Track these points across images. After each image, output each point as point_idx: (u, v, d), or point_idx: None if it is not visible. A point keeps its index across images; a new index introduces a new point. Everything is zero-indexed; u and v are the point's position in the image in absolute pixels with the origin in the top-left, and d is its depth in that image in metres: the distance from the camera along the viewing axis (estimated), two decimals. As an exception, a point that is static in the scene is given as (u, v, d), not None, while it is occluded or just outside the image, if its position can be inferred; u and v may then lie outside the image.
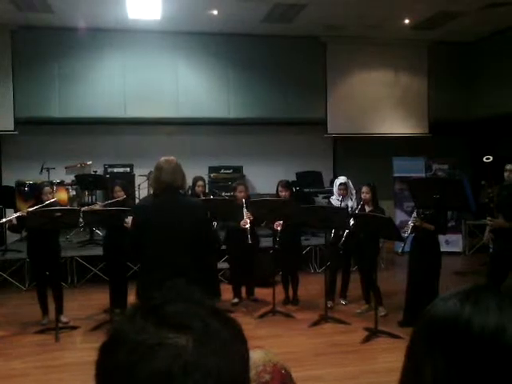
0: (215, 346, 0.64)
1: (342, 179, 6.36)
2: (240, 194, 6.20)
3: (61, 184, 8.36)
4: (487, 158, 5.27)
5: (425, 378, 0.68)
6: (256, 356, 0.68)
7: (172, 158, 3.78)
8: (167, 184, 3.64)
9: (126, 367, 0.62)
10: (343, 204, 6.12)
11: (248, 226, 5.82)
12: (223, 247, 6.52)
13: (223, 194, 8.77)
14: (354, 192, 6.38)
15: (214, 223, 6.16)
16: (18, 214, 5.54)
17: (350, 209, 6.06)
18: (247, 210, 5.94)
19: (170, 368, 0.61)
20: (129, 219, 4.19)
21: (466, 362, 0.65)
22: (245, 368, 0.69)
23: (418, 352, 0.71)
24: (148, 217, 3.65)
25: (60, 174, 8.65)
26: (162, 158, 3.76)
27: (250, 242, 5.76)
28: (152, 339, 0.63)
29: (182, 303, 0.67)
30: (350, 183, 6.39)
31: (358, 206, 6.12)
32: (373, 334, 5.13)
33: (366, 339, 5.06)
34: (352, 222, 5.53)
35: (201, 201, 4.75)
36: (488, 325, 0.65)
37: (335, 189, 6.36)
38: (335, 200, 6.29)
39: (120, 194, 6.01)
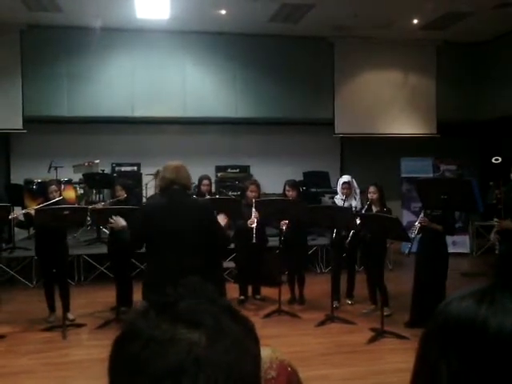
0: (227, 343, 0.65)
1: (345, 178, 6.31)
2: (251, 193, 6.18)
3: (68, 182, 8.39)
4: (496, 159, 5.24)
5: (439, 379, 0.67)
6: (263, 353, 0.68)
7: (179, 162, 3.90)
8: (172, 183, 3.71)
9: (138, 362, 0.63)
10: (347, 204, 6.07)
11: (254, 225, 5.80)
12: (232, 246, 6.53)
13: (230, 193, 8.77)
14: (358, 191, 6.33)
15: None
16: (24, 210, 5.57)
17: (354, 208, 6.03)
18: (256, 210, 5.91)
19: (182, 363, 0.61)
20: (117, 218, 4.25)
21: (482, 364, 0.65)
22: (256, 366, 0.69)
23: (431, 353, 0.70)
24: (154, 217, 3.70)
25: (68, 173, 8.69)
26: (169, 162, 3.88)
27: (254, 241, 5.75)
28: (165, 335, 0.63)
29: (195, 300, 0.68)
30: (354, 182, 6.34)
31: (362, 205, 6.11)
32: (379, 334, 5.12)
33: (372, 340, 5.05)
34: (358, 221, 5.51)
35: (207, 201, 4.76)
36: (505, 325, 0.65)
37: (339, 188, 6.32)
38: (339, 200, 6.24)
39: (121, 194, 6.00)
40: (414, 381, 0.73)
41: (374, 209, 5.84)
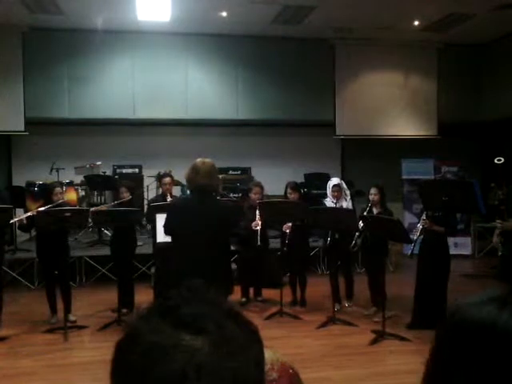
0: (231, 348, 0.64)
1: (335, 181, 6.24)
2: (255, 195, 6.17)
3: (70, 184, 8.41)
4: (498, 160, 5.23)
5: (457, 382, 0.67)
6: (265, 355, 0.69)
7: (208, 159, 3.90)
8: (202, 186, 3.78)
9: (140, 367, 0.63)
10: (338, 206, 6.06)
11: (259, 227, 5.79)
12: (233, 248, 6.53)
13: (231, 195, 8.78)
14: (348, 193, 6.29)
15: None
16: (28, 213, 5.58)
17: None
18: (260, 212, 5.86)
19: (185, 370, 0.61)
20: None
21: (505, 369, 0.65)
22: (260, 371, 0.69)
23: (448, 358, 0.69)
24: (178, 216, 3.87)
25: (69, 175, 8.70)
26: (199, 160, 3.87)
27: (259, 243, 5.75)
28: (168, 340, 0.63)
29: (198, 304, 0.67)
30: (344, 184, 6.29)
31: (353, 206, 6.09)
32: (380, 336, 5.11)
33: (374, 341, 5.04)
34: (360, 223, 5.50)
35: (228, 204, 4.81)
36: None
37: (329, 191, 6.20)
38: (330, 202, 6.15)
39: (126, 195, 6.06)
40: (427, 382, 0.72)
41: (375, 210, 5.84)
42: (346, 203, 6.15)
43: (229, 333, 0.65)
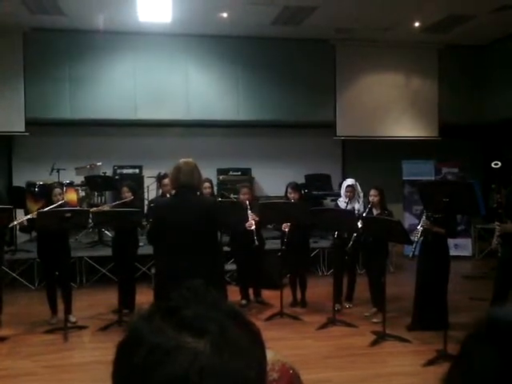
0: (233, 350, 0.64)
1: (349, 181, 6.31)
2: (244, 196, 6.18)
3: (70, 185, 8.41)
4: (495, 164, 5.24)
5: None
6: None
7: (190, 159, 3.99)
8: (184, 184, 3.85)
9: (142, 369, 0.62)
10: (350, 206, 6.07)
11: (253, 227, 5.80)
12: (227, 249, 6.53)
13: (232, 196, 8.78)
14: (361, 195, 6.33)
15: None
16: (28, 216, 5.58)
17: (356, 211, 6.02)
18: (252, 212, 5.89)
19: (187, 372, 0.61)
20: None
21: None
22: (262, 372, 0.68)
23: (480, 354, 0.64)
24: (164, 215, 3.96)
25: (70, 175, 8.70)
26: (181, 160, 3.97)
27: (256, 243, 5.75)
28: (170, 342, 0.62)
29: (200, 306, 0.67)
30: (358, 186, 6.33)
31: (364, 208, 6.10)
32: (381, 337, 5.11)
33: (374, 343, 5.04)
34: (360, 225, 5.50)
35: (214, 199, 4.86)
36: None
37: (342, 191, 6.30)
38: (342, 202, 6.22)
39: (127, 195, 6.05)
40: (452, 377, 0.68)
41: (375, 212, 5.84)
42: (358, 205, 6.17)
43: (231, 334, 0.65)
